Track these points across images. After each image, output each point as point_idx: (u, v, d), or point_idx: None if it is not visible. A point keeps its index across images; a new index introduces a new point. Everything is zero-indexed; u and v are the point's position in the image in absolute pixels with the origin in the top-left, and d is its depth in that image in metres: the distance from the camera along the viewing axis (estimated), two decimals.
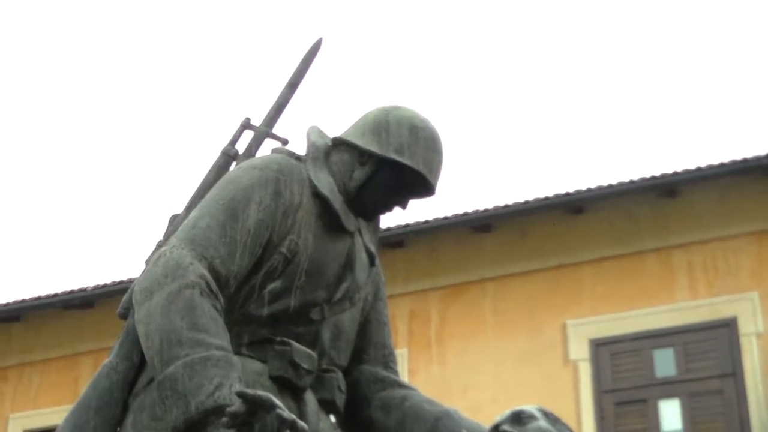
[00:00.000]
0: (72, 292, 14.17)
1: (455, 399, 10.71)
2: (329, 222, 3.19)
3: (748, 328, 11.78)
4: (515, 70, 31.39)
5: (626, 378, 12.09)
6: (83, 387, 3.10)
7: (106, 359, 3.09)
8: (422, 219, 13.13)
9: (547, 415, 3.10)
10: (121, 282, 13.33)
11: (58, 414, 12.64)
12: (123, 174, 33.16)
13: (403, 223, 13.10)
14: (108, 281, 13.95)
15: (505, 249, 13.00)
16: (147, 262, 3.15)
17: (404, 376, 8.89)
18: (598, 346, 12.27)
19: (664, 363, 12.01)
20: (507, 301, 12.88)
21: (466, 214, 13.01)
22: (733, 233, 12.18)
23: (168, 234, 3.23)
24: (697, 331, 11.93)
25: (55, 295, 14.21)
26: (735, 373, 11.66)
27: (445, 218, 13.05)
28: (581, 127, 31.05)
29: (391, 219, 14.68)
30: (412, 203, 3.35)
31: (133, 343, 3.04)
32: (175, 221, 3.26)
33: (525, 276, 12.90)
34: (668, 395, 11.86)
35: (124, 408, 3.02)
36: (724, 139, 29.42)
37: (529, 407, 3.10)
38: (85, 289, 14.05)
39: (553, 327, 12.54)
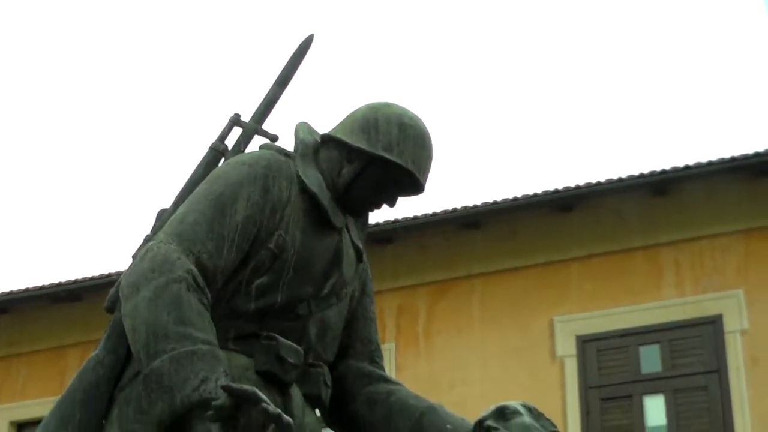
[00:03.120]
0: (59, 284, 14.16)
1: (442, 394, 10.72)
2: (317, 218, 3.20)
3: (733, 325, 11.83)
4: (506, 68, 31.43)
5: (612, 374, 12.14)
6: (70, 379, 3.11)
7: (93, 352, 3.10)
8: (411, 215, 13.15)
9: (531, 410, 3.11)
10: (109, 275, 13.33)
11: (44, 406, 12.61)
12: (111, 168, 33.12)
13: (391, 219, 13.12)
14: (95, 274, 13.95)
15: (493, 246, 13.03)
16: (134, 257, 3.16)
17: (391, 372, 8.91)
18: (585, 342, 12.32)
19: (650, 359, 12.06)
20: (495, 297, 12.91)
21: (454, 210, 13.03)
22: (720, 231, 12.23)
23: (155, 229, 3.24)
24: (683, 328, 11.99)
25: (42, 287, 14.21)
26: (719, 370, 11.72)
27: (434, 214, 13.07)
28: (571, 125, 31.10)
29: (380, 215, 14.69)
30: (401, 200, 3.36)
31: (119, 336, 3.04)
32: (162, 216, 3.27)
33: (513, 273, 12.93)
34: (653, 391, 11.92)
35: (110, 401, 3.03)
36: (712, 138, 29.50)
37: (513, 403, 3.12)
38: (72, 282, 14.05)
39: (540, 323, 12.58)
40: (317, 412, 3.28)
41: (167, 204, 3.32)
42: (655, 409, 11.90)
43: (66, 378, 13.16)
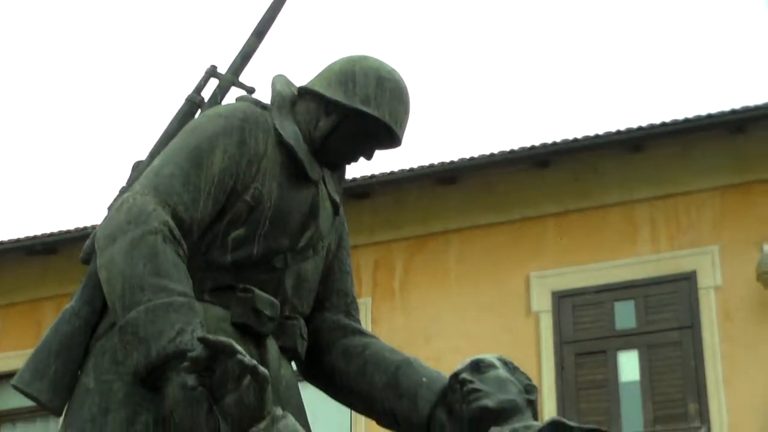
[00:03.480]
0: (35, 237, 14.10)
1: (418, 348, 10.76)
2: (294, 171, 3.19)
3: (707, 281, 11.91)
4: (485, 23, 31.33)
5: (587, 330, 12.21)
6: (45, 332, 3.11)
7: (68, 304, 3.09)
8: (387, 170, 13.14)
9: (506, 363, 3.13)
10: (84, 228, 13.27)
11: (20, 358, 12.58)
12: (87, 120, 32.91)
13: (368, 174, 13.10)
14: (71, 227, 13.90)
15: (469, 201, 13.04)
16: (110, 209, 3.15)
17: (367, 326, 8.93)
18: (560, 298, 12.38)
19: (625, 315, 12.14)
20: (471, 252, 12.94)
21: (431, 165, 13.02)
22: (695, 188, 12.28)
23: (131, 180, 3.22)
24: (658, 285, 12.06)
25: (18, 240, 14.15)
26: (693, 326, 11.81)
27: (411, 170, 13.06)
28: (548, 81, 31.08)
29: (357, 170, 14.68)
30: (378, 154, 3.36)
31: (95, 288, 3.04)
32: (138, 168, 3.25)
33: (489, 228, 12.96)
34: (627, 347, 12.00)
35: (86, 352, 3.03)
36: (688, 95, 29.55)
37: (489, 356, 3.13)
38: (48, 235, 13.99)
39: (516, 279, 12.63)
40: (293, 364, 3.29)
41: (143, 156, 3.30)
42: (629, 364, 11.99)
43: (42, 330, 13.08)
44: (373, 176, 13.04)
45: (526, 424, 2.98)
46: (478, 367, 3.07)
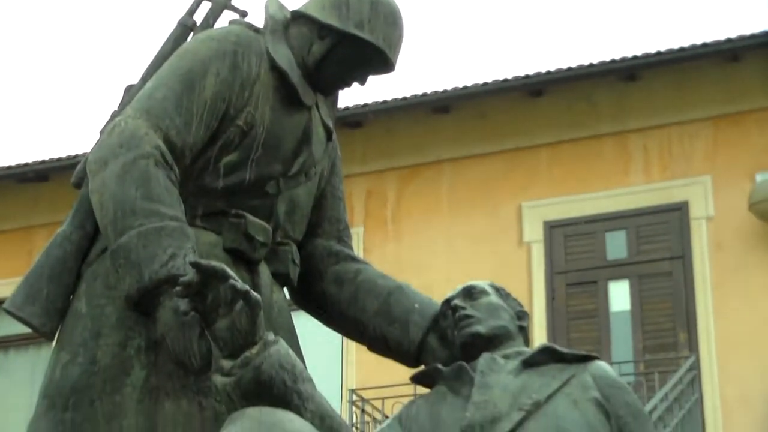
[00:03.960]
0: (26, 165, 14.07)
1: (409, 278, 10.77)
2: (287, 95, 3.16)
3: (698, 212, 11.94)
4: None
5: (578, 260, 12.26)
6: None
7: (60, 228, 3.08)
8: (380, 99, 13.11)
9: (498, 290, 3.13)
10: (76, 156, 13.24)
11: (12, 286, 12.61)
12: (78, 45, 32.69)
13: (361, 103, 13.07)
14: (63, 155, 13.86)
15: (462, 130, 13.02)
16: (101, 132, 3.12)
17: (359, 255, 8.92)
18: (552, 227, 12.41)
19: (616, 245, 12.18)
20: (463, 182, 12.94)
21: (424, 94, 12.99)
22: (689, 118, 12.26)
23: (123, 104, 3.20)
24: (650, 215, 12.09)
25: (9, 168, 14.12)
26: (684, 256, 11.86)
27: (404, 99, 13.02)
28: (542, 9, 30.88)
29: (350, 98, 14.63)
30: (371, 80, 3.33)
31: (86, 212, 3.02)
32: (130, 91, 3.22)
33: (482, 157, 12.95)
34: (618, 277, 12.06)
35: (78, 277, 3.03)
36: (683, 24, 29.39)
37: (481, 283, 3.13)
38: (39, 163, 13.96)
39: (508, 208, 12.65)
40: (285, 290, 3.29)
41: (135, 80, 3.28)
42: (619, 294, 12.06)
43: (33, 258, 13.11)
44: (365, 105, 13.01)
45: (517, 349, 2.99)
46: (470, 293, 3.08)
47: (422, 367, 3.11)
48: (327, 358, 11.95)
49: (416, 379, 3.07)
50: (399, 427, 2.92)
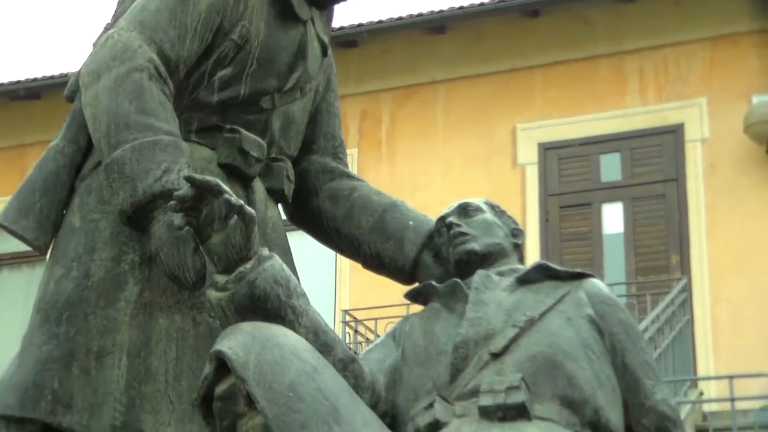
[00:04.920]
0: (18, 82, 13.98)
1: (403, 199, 10.80)
2: (282, 10, 3.12)
3: (693, 134, 11.92)
4: None
5: (572, 182, 12.26)
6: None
7: (53, 141, 3.06)
8: (375, 19, 13.01)
9: (493, 207, 3.11)
10: (69, 74, 13.15)
11: (3, 205, 12.66)
12: None
13: (356, 23, 12.97)
14: (55, 72, 13.77)
15: (458, 51, 12.94)
16: (95, 45, 3.08)
17: None
18: (547, 149, 12.39)
19: (610, 168, 12.17)
20: (458, 103, 12.90)
21: (420, 15, 12.89)
22: (685, 39, 12.18)
23: (116, 17, 3.15)
24: (644, 137, 12.07)
25: (1, 85, 14.03)
26: (678, 179, 11.86)
27: (399, 18, 12.93)
28: None
29: (345, 18, 14.49)
30: (366, 2, 3.29)
31: (79, 126, 3.00)
32: (124, 3, 3.18)
33: (477, 79, 12.89)
34: (612, 199, 12.07)
35: (71, 191, 3.01)
36: None
37: (476, 200, 3.11)
38: (31, 80, 13.87)
39: (503, 130, 12.62)
40: (280, 208, 3.28)
41: None
42: (613, 216, 12.08)
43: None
44: (360, 25, 12.92)
45: (512, 267, 2.98)
46: (465, 210, 3.06)
47: (416, 285, 3.11)
48: (320, 279, 11.99)
49: (410, 296, 3.06)
50: (392, 343, 2.92)
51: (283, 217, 3.33)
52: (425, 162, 12.76)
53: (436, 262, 3.12)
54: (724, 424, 9.57)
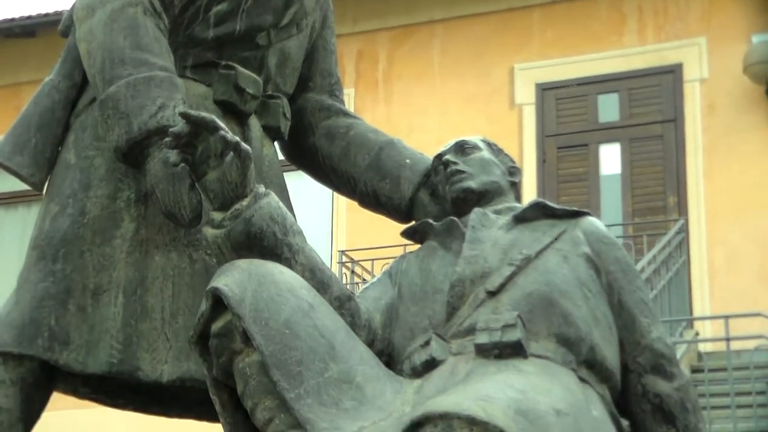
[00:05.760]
0: (12, 20, 13.87)
1: (400, 138, 10.77)
2: None
3: (692, 74, 11.86)
4: None
5: (570, 123, 12.22)
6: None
7: (47, 77, 3.03)
8: None
9: (490, 145, 3.10)
10: (64, 12, 13.04)
11: None
12: None
13: None
14: (50, 10, 13.66)
15: None
16: None
17: None
18: (544, 90, 12.33)
19: (608, 108, 12.12)
20: (455, 43, 12.81)
21: None
22: None
23: None
24: (643, 77, 12.00)
25: None
26: (676, 120, 11.82)
27: None
28: None
29: None
30: None
31: (74, 61, 2.97)
32: None
33: (474, 18, 12.80)
34: (610, 140, 12.03)
35: (66, 128, 2.99)
36: None
37: (473, 138, 3.10)
38: (26, 18, 13.76)
39: (500, 70, 12.55)
40: (276, 144, 3.26)
41: None
42: (610, 157, 12.05)
43: None
44: None
45: (508, 205, 2.97)
46: (462, 148, 3.04)
47: (413, 223, 3.10)
48: (316, 219, 11.99)
49: (407, 234, 3.06)
50: (389, 282, 2.92)
51: (281, 157, 3.31)
52: (422, 102, 12.72)
53: (432, 200, 3.11)
54: (719, 363, 9.62)
